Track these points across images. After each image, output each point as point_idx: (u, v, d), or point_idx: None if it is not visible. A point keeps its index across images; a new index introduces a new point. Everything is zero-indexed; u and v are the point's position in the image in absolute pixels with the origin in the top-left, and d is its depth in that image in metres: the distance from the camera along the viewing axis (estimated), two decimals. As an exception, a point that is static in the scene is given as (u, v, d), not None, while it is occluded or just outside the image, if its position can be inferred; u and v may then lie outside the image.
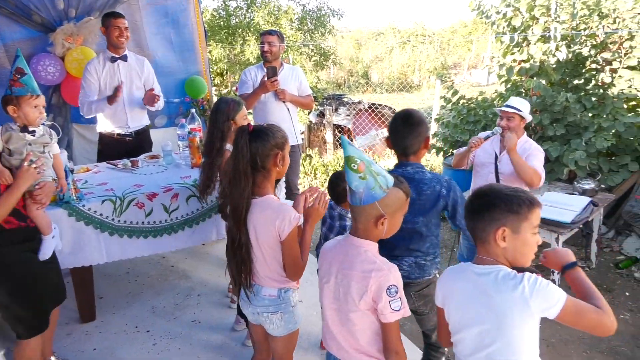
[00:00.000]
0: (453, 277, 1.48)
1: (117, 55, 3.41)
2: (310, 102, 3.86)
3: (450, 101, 5.03)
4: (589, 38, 4.28)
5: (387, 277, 1.42)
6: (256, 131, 1.76)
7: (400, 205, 1.47)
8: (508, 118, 2.81)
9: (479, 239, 1.37)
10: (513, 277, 1.29)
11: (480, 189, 1.40)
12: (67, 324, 2.96)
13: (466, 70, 18.62)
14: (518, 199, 1.30)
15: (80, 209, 2.66)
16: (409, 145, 1.97)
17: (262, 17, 7.66)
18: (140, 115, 3.65)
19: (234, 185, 1.75)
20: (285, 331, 1.90)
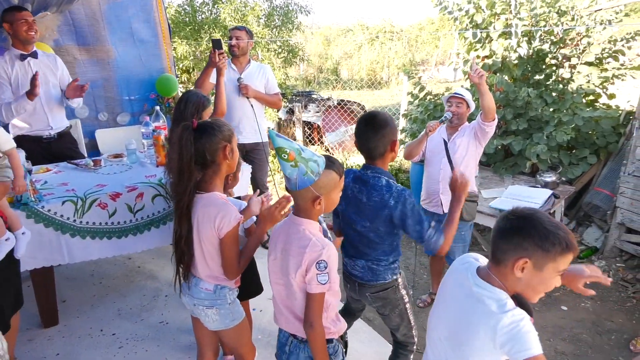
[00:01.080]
0: (456, 271, 1.42)
1: (27, 52, 3.21)
2: (277, 101, 3.82)
3: (417, 97, 5.09)
4: (548, 34, 4.40)
5: (319, 252, 1.50)
6: (201, 127, 1.75)
7: (334, 184, 1.56)
8: (457, 104, 2.93)
9: (497, 257, 1.28)
10: (501, 305, 1.22)
11: (521, 210, 1.27)
12: (28, 329, 2.86)
13: (434, 66, 18.90)
14: (555, 237, 1.19)
15: (40, 210, 2.56)
16: (372, 147, 1.94)
17: (229, 13, 7.55)
18: (60, 115, 3.46)
19: (178, 180, 1.76)
20: (222, 325, 1.92)
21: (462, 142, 2.92)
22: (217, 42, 3.19)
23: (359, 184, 1.96)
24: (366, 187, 1.92)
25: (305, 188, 1.51)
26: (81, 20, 4.09)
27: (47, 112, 3.32)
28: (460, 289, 1.34)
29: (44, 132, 3.35)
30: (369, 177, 1.94)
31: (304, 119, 7.31)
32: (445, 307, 1.41)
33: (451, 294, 1.39)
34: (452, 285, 1.41)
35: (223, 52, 3.17)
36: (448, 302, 1.40)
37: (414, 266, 3.88)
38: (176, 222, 1.83)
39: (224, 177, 1.85)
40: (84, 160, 3.27)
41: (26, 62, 3.22)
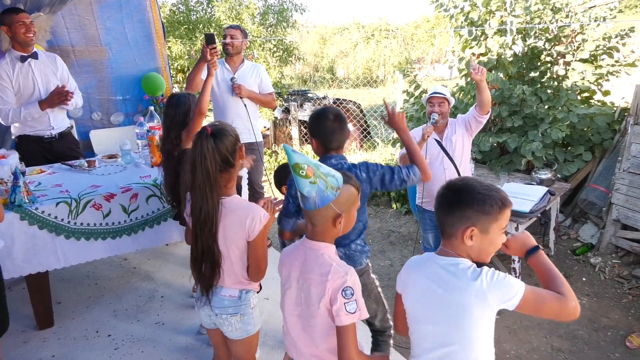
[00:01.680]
0: (416, 266, 1.47)
1: (27, 54, 3.21)
2: (271, 101, 3.80)
3: (412, 95, 5.08)
4: (543, 32, 4.40)
5: (343, 278, 1.40)
6: (215, 131, 1.71)
7: (353, 200, 1.47)
8: (439, 104, 2.94)
9: (446, 232, 1.35)
10: (472, 271, 1.29)
11: (454, 183, 1.37)
12: (23, 332, 2.84)
13: (429, 64, 18.92)
14: (491, 199, 1.28)
15: (33, 212, 2.55)
16: (335, 140, 2.01)
17: (223, 12, 7.54)
18: (62, 116, 3.46)
19: (203, 191, 1.67)
20: (244, 334, 1.87)
21: (457, 138, 2.95)
22: (209, 37, 3.15)
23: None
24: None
25: (326, 206, 1.41)
26: (74, 21, 4.08)
27: (49, 112, 3.32)
28: (430, 278, 1.37)
29: (45, 132, 3.35)
30: (336, 165, 1.97)
31: (300, 118, 7.30)
32: (421, 303, 1.41)
33: (422, 287, 1.40)
34: (420, 280, 1.41)
35: (215, 47, 3.14)
36: (422, 297, 1.40)
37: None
38: (202, 235, 1.72)
39: (235, 179, 1.84)
40: (78, 161, 3.25)
41: (27, 63, 3.21)
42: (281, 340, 2.76)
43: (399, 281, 1.52)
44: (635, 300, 3.33)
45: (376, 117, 8.01)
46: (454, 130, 2.97)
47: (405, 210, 5.07)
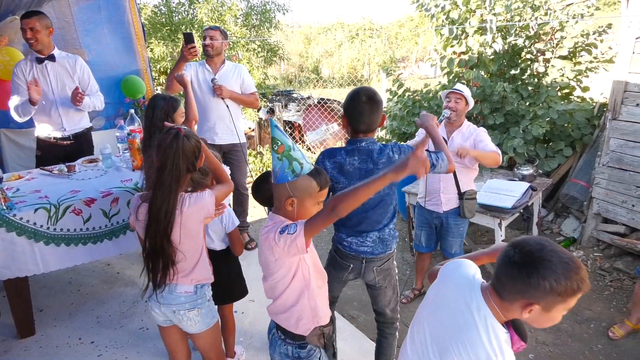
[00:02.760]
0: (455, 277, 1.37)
1: (43, 56, 3.24)
2: (254, 101, 3.78)
3: (396, 94, 5.11)
4: (523, 29, 4.45)
5: (277, 225, 1.49)
6: (187, 134, 1.75)
7: (310, 192, 1.52)
8: (456, 100, 2.94)
9: (502, 294, 1.20)
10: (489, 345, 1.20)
11: (528, 246, 1.15)
12: (3, 341, 2.79)
13: (414, 63, 19.03)
14: (568, 280, 1.10)
15: (11, 218, 2.50)
16: (372, 121, 1.99)
17: (206, 13, 7.49)
18: (78, 117, 3.47)
19: (169, 189, 1.69)
20: (204, 326, 1.91)
21: (462, 143, 2.94)
22: (188, 36, 3.16)
23: (358, 154, 2.00)
24: (368, 155, 1.98)
25: (282, 184, 1.51)
26: (52, 23, 4.00)
27: (62, 114, 3.35)
28: (460, 303, 1.28)
29: (58, 134, 3.38)
30: (366, 146, 1.99)
31: (285, 119, 7.29)
32: (438, 312, 1.35)
33: (449, 302, 1.32)
34: (452, 293, 1.33)
35: (195, 46, 3.14)
36: (443, 308, 1.34)
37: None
38: (159, 237, 1.73)
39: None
40: (58, 166, 3.20)
41: (43, 65, 3.24)
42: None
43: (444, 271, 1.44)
44: (617, 292, 3.39)
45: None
46: (461, 137, 2.96)
47: (390, 209, 5.08)
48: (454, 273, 1.39)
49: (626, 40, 3.57)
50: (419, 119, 2.29)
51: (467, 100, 2.94)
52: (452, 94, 2.96)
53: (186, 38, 3.16)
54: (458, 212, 3.02)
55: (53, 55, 3.29)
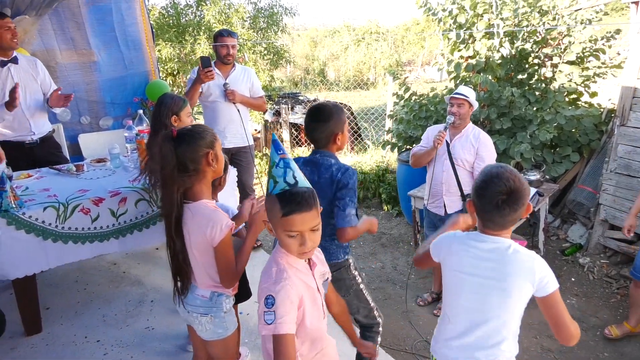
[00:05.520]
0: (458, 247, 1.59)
1: (7, 59, 3.19)
2: (262, 104, 3.82)
3: (402, 97, 5.11)
4: (531, 34, 4.45)
5: (268, 286, 1.33)
6: (181, 135, 1.72)
7: (274, 217, 1.34)
8: (459, 104, 2.94)
9: (499, 224, 1.49)
10: (532, 257, 1.46)
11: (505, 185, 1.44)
12: (11, 338, 2.80)
13: (420, 66, 19.04)
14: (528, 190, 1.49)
15: (20, 216, 2.52)
16: (316, 138, 2.04)
17: (213, 15, 7.52)
18: (42, 120, 3.43)
19: (163, 193, 1.74)
20: (215, 336, 1.87)
21: (465, 146, 2.95)
22: (205, 60, 3.25)
23: (310, 165, 2.03)
24: (317, 167, 2.01)
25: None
26: (62, 24, 4.05)
27: (29, 117, 3.29)
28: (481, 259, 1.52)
29: (26, 138, 3.32)
30: (318, 159, 2.03)
31: (291, 121, 7.30)
32: (470, 280, 1.55)
33: (470, 264, 1.54)
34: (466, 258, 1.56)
35: (211, 70, 3.25)
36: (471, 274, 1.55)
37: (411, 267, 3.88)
38: (169, 237, 1.77)
39: (210, 183, 1.83)
40: (67, 165, 3.22)
41: (6, 68, 3.18)
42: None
43: (439, 252, 1.67)
44: (624, 299, 3.37)
45: (367, 119, 8.03)
46: (465, 141, 2.96)
47: (396, 212, 5.08)
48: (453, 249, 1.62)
49: (635, 46, 3.56)
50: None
51: (470, 102, 2.94)
52: (455, 99, 2.97)
53: (203, 62, 3.26)
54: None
55: (16, 57, 3.23)
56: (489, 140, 2.97)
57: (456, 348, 1.61)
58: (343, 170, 1.98)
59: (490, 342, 1.54)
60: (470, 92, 2.95)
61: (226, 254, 1.73)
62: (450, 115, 2.94)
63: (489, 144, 2.95)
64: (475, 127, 3.03)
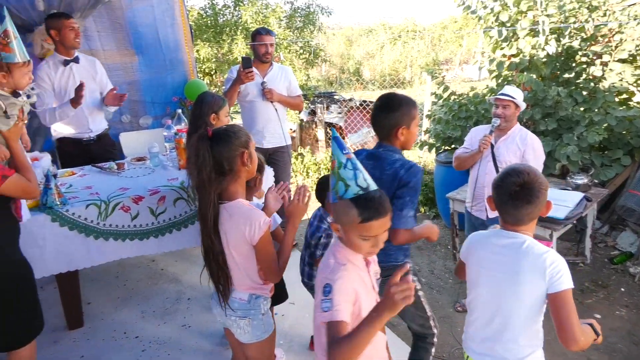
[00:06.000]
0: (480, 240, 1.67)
1: (70, 58, 3.27)
2: (299, 103, 3.79)
3: (441, 97, 4.99)
4: (578, 31, 4.25)
5: (327, 275, 1.36)
6: (216, 135, 1.71)
7: (350, 223, 1.34)
8: (504, 106, 2.84)
9: (515, 217, 1.53)
10: (544, 252, 1.48)
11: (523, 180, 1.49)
12: (53, 331, 2.89)
13: (458, 65, 18.64)
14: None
15: (64, 213, 2.59)
16: (379, 127, 1.95)
17: (250, 15, 7.58)
18: (100, 118, 3.53)
19: (200, 194, 1.73)
20: (253, 338, 1.85)
21: (510, 149, 2.85)
22: (246, 61, 3.24)
23: (372, 160, 1.95)
24: (379, 162, 1.92)
25: (332, 203, 1.41)
26: (105, 25, 4.14)
27: (87, 115, 3.39)
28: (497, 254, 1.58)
29: (84, 135, 3.43)
30: (382, 153, 1.94)
31: (326, 120, 7.27)
32: (486, 274, 1.61)
33: (487, 258, 1.61)
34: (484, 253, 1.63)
35: (252, 71, 3.24)
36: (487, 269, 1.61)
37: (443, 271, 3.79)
38: (205, 237, 1.76)
39: (244, 183, 1.82)
40: (108, 163, 3.29)
41: (68, 67, 3.28)
42: (307, 345, 2.72)
43: (463, 250, 1.76)
44: (679, 312, 3.17)
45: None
46: (511, 142, 2.86)
47: (433, 215, 4.97)
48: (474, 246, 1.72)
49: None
50: None
51: (517, 103, 2.82)
52: (500, 100, 2.86)
53: (244, 62, 3.24)
54: None
55: (78, 57, 3.32)
56: (537, 143, 2.84)
57: (479, 341, 1.67)
58: (407, 167, 1.87)
59: (506, 336, 1.57)
60: (517, 92, 2.84)
61: (267, 250, 1.72)
62: (496, 117, 2.84)
63: (537, 147, 2.82)
64: (523, 128, 2.91)
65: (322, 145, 7.22)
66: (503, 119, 2.84)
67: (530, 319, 1.55)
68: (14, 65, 1.96)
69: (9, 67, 1.96)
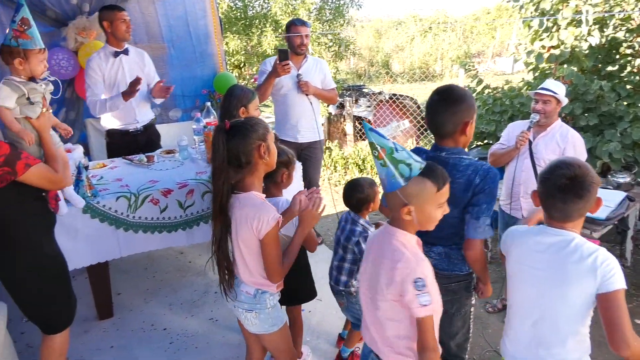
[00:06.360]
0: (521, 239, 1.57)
1: (120, 50, 3.31)
2: (334, 96, 3.72)
3: (474, 91, 4.84)
4: (623, 21, 4.04)
5: (413, 269, 1.34)
6: (234, 127, 1.71)
7: (428, 196, 1.38)
8: (544, 101, 2.70)
9: (563, 212, 1.44)
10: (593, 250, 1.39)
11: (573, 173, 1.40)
12: (84, 321, 2.94)
13: (490, 58, 18.20)
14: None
15: (95, 205, 2.61)
16: (439, 123, 1.72)
17: (280, 7, 7.54)
18: (146, 109, 3.57)
19: (213, 182, 1.74)
20: (262, 329, 1.86)
21: (549, 146, 2.71)
22: (283, 53, 3.17)
23: None
24: (447, 169, 1.62)
25: (394, 193, 1.38)
26: (136, 18, 4.17)
27: (135, 107, 3.43)
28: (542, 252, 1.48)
29: (131, 126, 3.48)
30: (446, 159, 1.72)
31: (355, 114, 7.18)
32: (530, 273, 1.52)
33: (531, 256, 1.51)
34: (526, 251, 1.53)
35: (289, 64, 3.17)
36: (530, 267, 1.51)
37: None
38: (214, 223, 1.79)
39: (262, 176, 1.81)
40: (138, 156, 3.32)
41: (118, 59, 3.33)
42: (334, 343, 2.68)
43: (503, 244, 1.64)
44: None
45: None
46: (551, 138, 2.72)
47: (463, 212, 4.84)
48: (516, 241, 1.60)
49: None
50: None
51: (558, 99, 2.68)
52: (540, 95, 2.72)
53: (281, 55, 3.18)
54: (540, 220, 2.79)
55: (127, 49, 3.36)
56: (579, 140, 2.70)
57: (519, 345, 1.58)
58: (482, 174, 1.67)
59: (551, 340, 1.49)
60: (559, 87, 2.70)
61: (272, 248, 1.70)
62: (535, 113, 2.71)
63: (578, 144, 2.68)
64: (564, 124, 2.77)
65: (350, 139, 7.14)
66: (543, 115, 2.71)
67: (578, 322, 1.46)
68: (30, 51, 1.98)
69: (25, 53, 1.98)
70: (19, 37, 1.96)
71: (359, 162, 6.24)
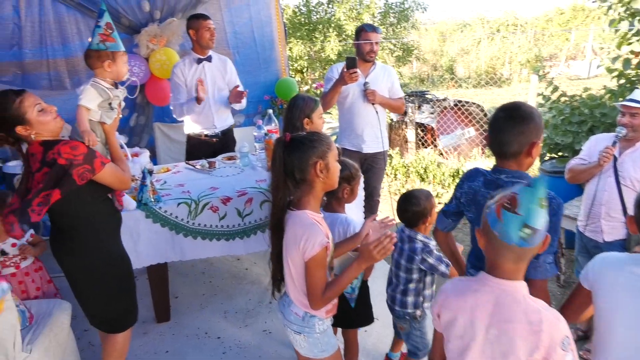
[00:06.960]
0: (614, 271, 1.39)
1: (203, 57, 3.40)
2: (401, 105, 3.56)
3: (549, 99, 4.51)
4: None
5: (558, 327, 1.21)
6: (293, 141, 1.62)
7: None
8: (632, 114, 2.44)
9: None
10: None
11: None
12: (143, 322, 2.99)
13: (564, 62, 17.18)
14: None
15: (157, 211, 2.65)
16: (504, 142, 1.58)
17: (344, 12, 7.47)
18: (225, 115, 3.63)
19: (273, 195, 1.71)
20: (310, 354, 1.79)
21: (637, 163, 2.44)
22: (351, 61, 3.08)
23: (494, 188, 1.57)
24: None
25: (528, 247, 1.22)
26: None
27: (214, 112, 3.52)
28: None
29: (209, 131, 3.56)
30: (506, 183, 1.57)
31: (417, 121, 6.96)
32: (628, 309, 1.33)
33: (629, 290, 1.33)
34: (622, 282, 1.35)
35: (356, 71, 3.07)
36: (628, 301, 1.33)
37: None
38: (269, 235, 1.79)
39: (319, 195, 1.70)
40: (200, 161, 3.36)
41: (201, 65, 3.43)
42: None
43: (586, 276, 1.46)
44: None
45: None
46: (635, 163, 2.46)
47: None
48: (606, 275, 1.40)
49: None
50: None
51: None
52: (627, 108, 2.45)
53: (349, 63, 3.08)
54: (623, 245, 2.49)
55: (210, 56, 3.44)
56: None
57: None
58: (553, 203, 1.50)
59: None
60: None
61: (315, 274, 1.61)
62: (621, 126, 2.44)
63: None
64: None
65: (412, 147, 6.93)
66: (630, 129, 2.43)
67: None
68: (117, 53, 2.05)
69: (114, 55, 2.03)
70: (105, 40, 2.04)
71: (420, 170, 6.03)
